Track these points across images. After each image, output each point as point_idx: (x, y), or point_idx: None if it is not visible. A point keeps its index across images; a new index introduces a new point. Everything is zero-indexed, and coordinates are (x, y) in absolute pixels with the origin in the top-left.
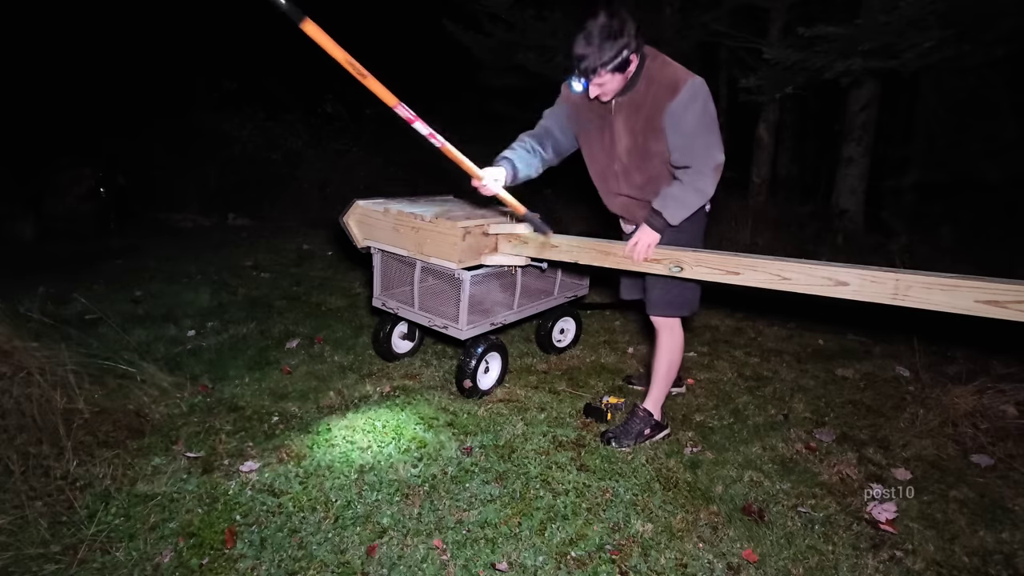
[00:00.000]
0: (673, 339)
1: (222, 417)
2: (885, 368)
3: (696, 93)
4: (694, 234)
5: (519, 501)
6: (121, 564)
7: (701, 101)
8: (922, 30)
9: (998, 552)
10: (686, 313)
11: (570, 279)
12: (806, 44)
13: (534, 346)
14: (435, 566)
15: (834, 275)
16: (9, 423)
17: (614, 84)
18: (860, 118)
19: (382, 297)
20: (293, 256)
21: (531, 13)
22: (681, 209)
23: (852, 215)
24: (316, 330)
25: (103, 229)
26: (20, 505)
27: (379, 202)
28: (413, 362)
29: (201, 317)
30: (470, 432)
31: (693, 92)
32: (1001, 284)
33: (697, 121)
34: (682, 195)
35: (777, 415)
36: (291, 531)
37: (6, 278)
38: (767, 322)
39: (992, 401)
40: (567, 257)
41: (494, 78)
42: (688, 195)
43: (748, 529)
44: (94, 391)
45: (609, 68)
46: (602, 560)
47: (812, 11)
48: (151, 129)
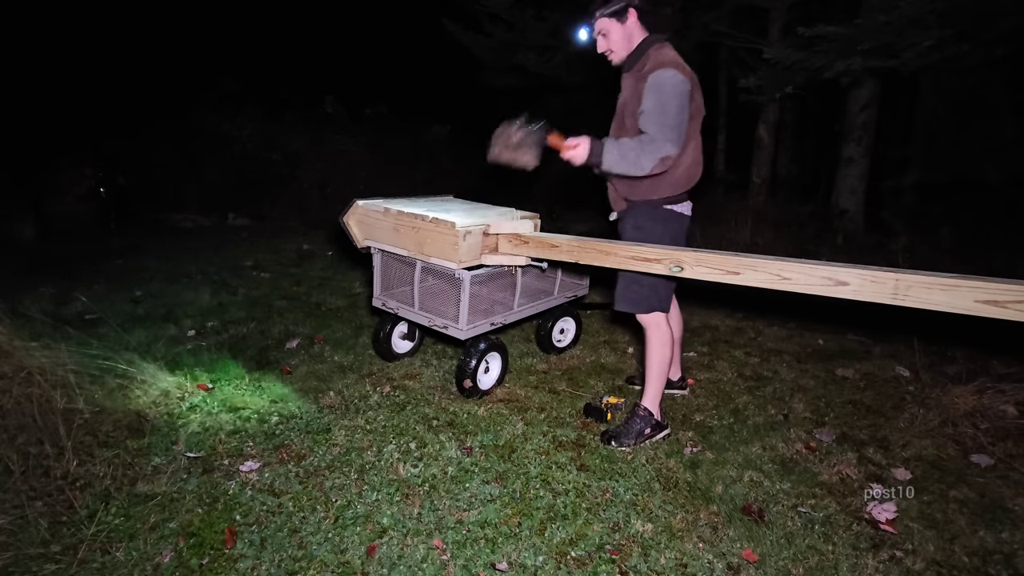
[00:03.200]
0: (658, 335)
1: (222, 417)
2: (885, 368)
3: (675, 80)
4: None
5: (519, 501)
6: (121, 564)
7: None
8: (922, 30)
9: (998, 552)
10: (644, 311)
11: (570, 279)
12: (806, 44)
13: (534, 346)
14: (435, 566)
15: (834, 275)
16: (9, 423)
17: (616, 37)
18: (860, 118)
19: (382, 297)
20: (293, 256)
21: (531, 13)
22: (617, 154)
23: (852, 215)
24: (316, 330)
25: (103, 229)
26: (20, 505)
27: (379, 202)
28: (413, 362)
29: (201, 317)
30: (470, 432)
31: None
32: (1001, 284)
33: (666, 101)
34: (626, 148)
35: (777, 415)
36: (291, 531)
37: (6, 278)
38: (767, 322)
39: (992, 401)
40: (567, 257)
41: (494, 78)
42: (629, 151)
43: (748, 529)
44: (94, 391)
45: (607, 12)
46: (602, 560)
47: (812, 11)
48: (151, 129)
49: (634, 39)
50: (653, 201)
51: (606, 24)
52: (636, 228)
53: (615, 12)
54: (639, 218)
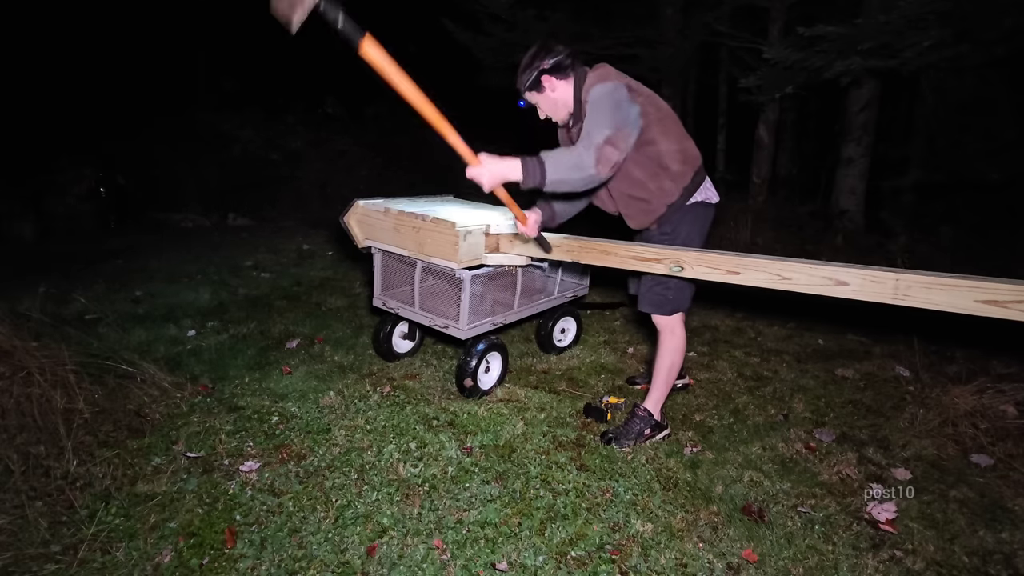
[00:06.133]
0: (674, 340)
1: (222, 417)
2: (885, 368)
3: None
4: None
5: (519, 501)
6: (121, 564)
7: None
8: (922, 29)
9: (998, 552)
10: (667, 312)
11: (570, 279)
12: (806, 44)
13: (534, 346)
14: (435, 566)
15: (834, 275)
16: (9, 423)
17: (545, 105)
18: (860, 118)
19: (382, 297)
20: (293, 256)
21: (531, 13)
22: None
23: (852, 215)
24: (316, 330)
25: (103, 229)
26: (20, 505)
27: (379, 202)
28: (413, 362)
29: (201, 317)
30: (470, 432)
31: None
32: (1001, 284)
33: (599, 107)
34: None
35: (777, 415)
36: (291, 531)
37: (6, 278)
38: (767, 322)
39: (992, 401)
40: (567, 257)
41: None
42: (567, 155)
43: (748, 529)
44: (94, 391)
45: (526, 88)
46: (602, 560)
47: (812, 11)
48: (151, 129)
49: (563, 98)
50: (676, 203)
51: (531, 97)
52: (663, 234)
53: (531, 86)
54: (667, 225)
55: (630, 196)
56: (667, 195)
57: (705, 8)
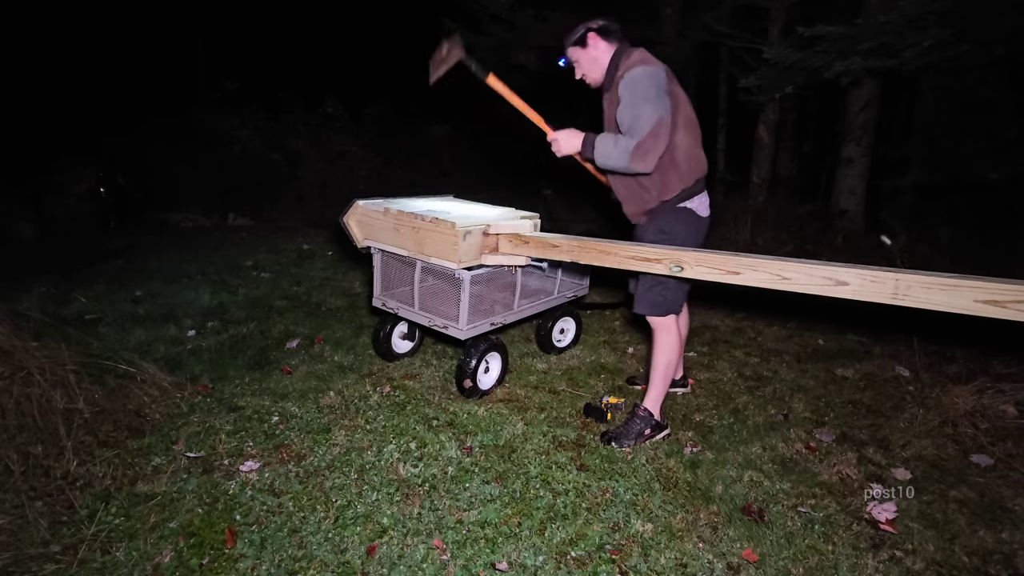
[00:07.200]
0: (669, 338)
1: (222, 417)
2: (885, 368)
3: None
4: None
5: (519, 501)
6: (121, 564)
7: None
8: (922, 29)
9: (998, 552)
10: (662, 313)
11: (570, 279)
12: (806, 44)
13: (534, 346)
14: (435, 566)
15: (834, 275)
16: (9, 423)
17: (584, 62)
18: (860, 118)
19: (382, 297)
20: (293, 256)
21: (531, 13)
22: (608, 145)
23: (852, 215)
24: (316, 330)
25: (103, 229)
26: (20, 505)
27: (379, 202)
28: (413, 362)
29: (201, 317)
30: (470, 432)
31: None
32: (1001, 284)
33: (637, 90)
34: (609, 138)
35: (777, 415)
36: (291, 531)
37: (6, 278)
38: (767, 322)
39: (992, 401)
40: (567, 257)
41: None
42: (611, 147)
43: (748, 529)
44: (94, 391)
45: (571, 42)
46: (602, 560)
47: (812, 11)
48: (151, 129)
49: (602, 60)
50: (669, 201)
51: (574, 53)
52: (660, 232)
53: (577, 41)
54: (662, 222)
55: (632, 177)
56: (667, 190)
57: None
